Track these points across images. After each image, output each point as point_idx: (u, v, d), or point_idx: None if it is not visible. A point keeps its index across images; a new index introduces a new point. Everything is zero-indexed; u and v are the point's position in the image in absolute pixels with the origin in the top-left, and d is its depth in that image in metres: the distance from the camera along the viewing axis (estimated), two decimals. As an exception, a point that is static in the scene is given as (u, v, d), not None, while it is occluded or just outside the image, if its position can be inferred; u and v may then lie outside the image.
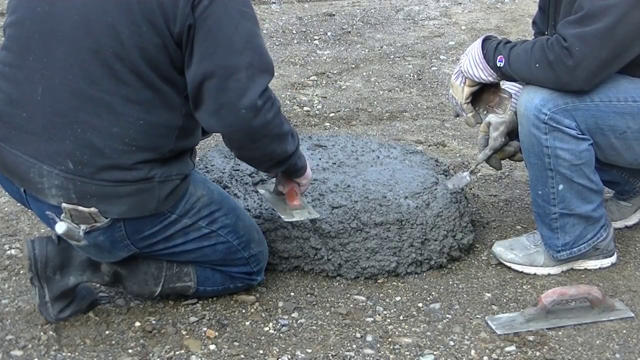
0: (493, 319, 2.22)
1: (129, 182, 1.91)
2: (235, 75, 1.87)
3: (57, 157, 1.89)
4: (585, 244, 2.41)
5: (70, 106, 1.89)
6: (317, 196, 2.47)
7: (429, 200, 2.49)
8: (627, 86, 2.25)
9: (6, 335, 2.11)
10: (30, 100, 1.91)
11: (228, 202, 2.19)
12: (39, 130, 1.91)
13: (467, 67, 2.34)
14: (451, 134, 3.58)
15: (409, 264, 2.42)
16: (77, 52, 1.88)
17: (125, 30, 1.86)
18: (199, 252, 2.13)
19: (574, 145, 2.25)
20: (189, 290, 2.20)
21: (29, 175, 1.92)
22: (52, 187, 1.90)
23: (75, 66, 1.88)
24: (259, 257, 2.23)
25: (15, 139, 1.93)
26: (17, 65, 1.94)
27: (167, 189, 1.97)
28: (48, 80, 1.89)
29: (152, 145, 1.93)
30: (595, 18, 2.10)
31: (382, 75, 4.39)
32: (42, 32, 1.91)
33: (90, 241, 1.97)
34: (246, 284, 2.27)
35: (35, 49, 1.91)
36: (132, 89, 1.88)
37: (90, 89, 1.88)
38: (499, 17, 5.56)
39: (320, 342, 2.12)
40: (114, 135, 1.89)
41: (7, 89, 1.95)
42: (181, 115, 1.97)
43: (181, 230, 2.06)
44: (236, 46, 1.88)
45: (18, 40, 1.95)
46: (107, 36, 1.86)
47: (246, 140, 1.96)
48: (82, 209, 1.91)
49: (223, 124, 1.92)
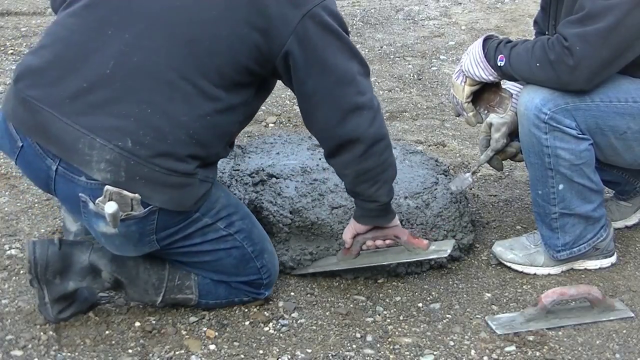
0: (493, 319, 2.22)
1: (177, 173, 1.90)
2: (352, 81, 1.98)
3: (115, 133, 1.86)
4: (585, 244, 2.41)
5: (145, 86, 1.88)
6: (317, 196, 2.47)
7: (429, 200, 2.49)
8: (627, 87, 2.25)
9: (6, 335, 2.10)
10: (96, 72, 1.88)
11: (243, 208, 2.19)
12: (100, 103, 1.87)
13: (468, 67, 2.34)
14: (451, 134, 3.58)
15: (409, 263, 2.42)
16: (169, 36, 1.88)
17: (226, 27, 1.88)
18: (214, 254, 2.12)
19: (574, 145, 2.25)
20: (190, 302, 2.19)
21: (77, 146, 1.87)
22: (102, 161, 1.86)
23: (163, 50, 1.88)
24: (270, 269, 2.20)
25: (67, 107, 1.88)
26: (87, 34, 1.91)
27: (203, 188, 1.98)
28: (124, 56, 1.88)
29: (209, 143, 1.95)
30: (596, 18, 2.10)
31: (382, 75, 4.38)
32: (130, 10, 1.91)
33: (122, 230, 1.94)
34: (252, 299, 2.24)
35: (119, 23, 1.90)
36: (211, 85, 1.90)
37: (172, 74, 1.88)
38: (499, 17, 5.56)
39: (320, 342, 2.12)
40: (182, 123, 1.89)
41: (68, 56, 1.91)
42: (237, 121, 2.01)
43: (200, 230, 2.06)
44: (344, 56, 1.98)
45: (97, 12, 1.92)
46: (206, 29, 1.88)
47: (373, 140, 2.02)
48: (127, 193, 1.88)
49: (352, 127, 1.99)
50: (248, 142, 2.94)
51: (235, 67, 1.92)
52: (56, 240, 2.08)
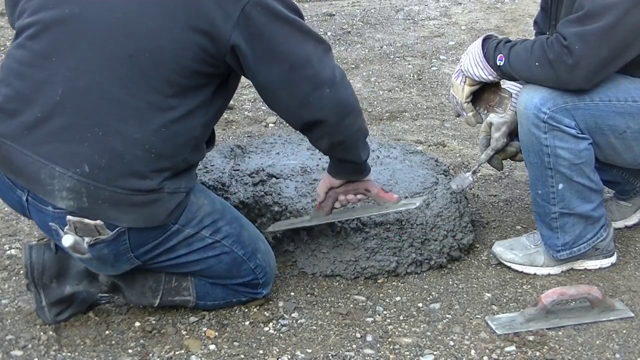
0: (493, 319, 2.22)
1: (141, 191, 1.88)
2: (308, 64, 1.91)
3: (72, 159, 1.85)
4: (585, 243, 2.41)
5: (94, 109, 1.85)
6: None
7: (429, 200, 2.49)
8: (627, 86, 2.25)
9: (6, 335, 2.11)
10: (48, 101, 1.87)
11: (230, 212, 2.16)
12: (55, 131, 1.86)
13: (468, 66, 2.34)
14: (451, 134, 3.58)
15: (409, 264, 2.42)
16: (110, 55, 1.85)
17: (167, 36, 1.85)
18: (203, 263, 2.10)
19: (574, 144, 2.25)
20: (188, 304, 2.18)
21: (39, 176, 1.87)
22: (64, 189, 1.86)
23: (106, 69, 1.85)
24: (265, 268, 2.19)
25: (26, 139, 1.88)
26: (36, 64, 1.90)
27: (175, 201, 1.95)
28: (71, 81, 1.86)
29: (170, 154, 1.92)
30: (595, 17, 2.10)
31: (382, 75, 4.38)
32: (70, 34, 1.88)
33: (94, 254, 1.94)
34: (251, 298, 2.24)
35: (61, 49, 1.88)
36: (161, 96, 1.87)
37: (119, 92, 1.85)
38: (499, 17, 5.56)
39: (320, 342, 2.12)
40: (136, 141, 1.86)
41: (21, 88, 1.91)
42: (199, 125, 1.97)
43: (184, 241, 2.04)
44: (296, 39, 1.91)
45: (40, 41, 1.90)
46: (146, 41, 1.85)
47: (340, 117, 1.99)
48: (88, 221, 1.88)
49: (315, 109, 1.95)
50: (248, 142, 2.94)
51: (183, 74, 1.88)
52: (52, 244, 2.08)
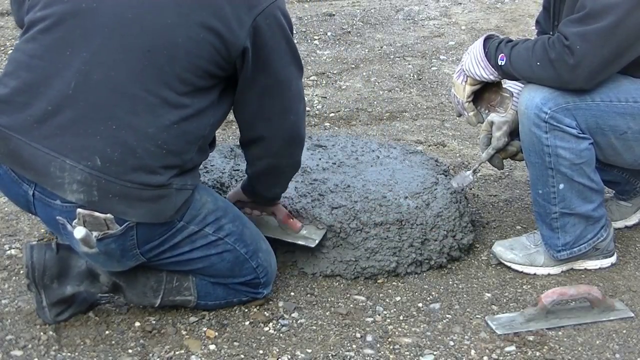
0: (493, 319, 2.22)
1: (151, 186, 1.89)
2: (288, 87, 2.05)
3: (83, 152, 1.85)
4: (586, 243, 2.41)
5: (108, 102, 1.86)
6: (317, 196, 2.47)
7: (429, 200, 2.49)
8: (628, 87, 2.25)
9: (6, 335, 2.10)
10: (59, 94, 1.87)
11: (232, 210, 2.17)
12: (65, 124, 1.86)
13: (469, 66, 2.34)
14: (451, 134, 3.58)
15: (409, 264, 2.42)
16: (126, 49, 1.86)
17: (182, 33, 1.86)
18: (206, 261, 2.11)
19: (575, 144, 2.25)
20: (189, 304, 2.18)
21: (49, 169, 1.86)
22: (74, 182, 1.85)
23: (121, 63, 1.86)
24: (267, 267, 2.19)
25: (36, 132, 1.87)
26: (48, 57, 1.90)
27: (182, 197, 1.96)
28: (84, 75, 1.86)
29: (180, 151, 1.93)
30: (597, 17, 2.10)
31: (382, 75, 4.38)
32: (85, 27, 1.88)
33: (102, 249, 1.93)
34: (251, 298, 2.24)
35: (75, 43, 1.88)
36: (174, 94, 1.89)
37: (134, 87, 1.86)
38: (499, 17, 5.56)
39: (320, 342, 2.12)
40: (149, 135, 1.87)
41: (32, 81, 1.90)
42: (208, 125, 1.99)
43: (188, 238, 2.04)
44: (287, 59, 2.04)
45: (53, 34, 1.90)
46: (162, 37, 1.86)
47: (289, 143, 2.12)
48: (98, 215, 1.87)
49: (274, 128, 2.08)
50: (248, 142, 2.93)
51: (196, 73, 1.90)
52: (53, 244, 2.08)
